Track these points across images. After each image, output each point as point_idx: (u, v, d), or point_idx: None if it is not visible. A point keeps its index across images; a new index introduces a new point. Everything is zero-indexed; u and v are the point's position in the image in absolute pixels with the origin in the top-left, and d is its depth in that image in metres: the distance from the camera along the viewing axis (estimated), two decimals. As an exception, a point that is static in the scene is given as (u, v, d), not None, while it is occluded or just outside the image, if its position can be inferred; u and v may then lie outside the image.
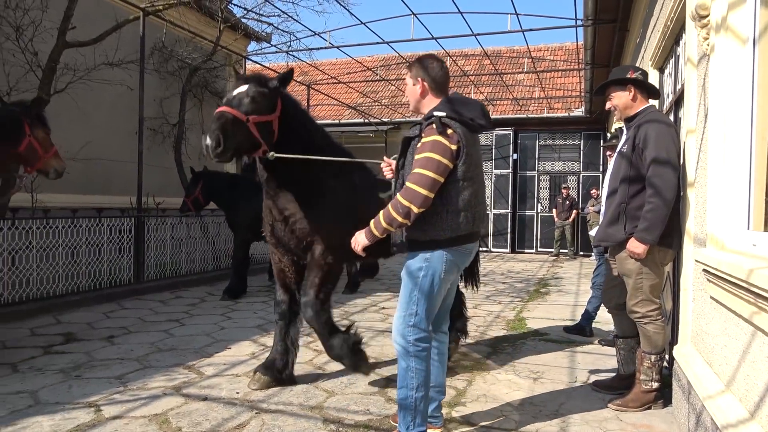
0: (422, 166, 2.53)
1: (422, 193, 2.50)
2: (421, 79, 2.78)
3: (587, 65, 9.62)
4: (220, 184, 7.44)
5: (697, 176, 3.00)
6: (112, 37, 7.12)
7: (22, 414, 3.09)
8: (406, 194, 2.52)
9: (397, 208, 2.53)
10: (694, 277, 2.98)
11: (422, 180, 2.51)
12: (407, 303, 2.68)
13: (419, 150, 2.58)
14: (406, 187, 2.53)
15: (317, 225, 3.46)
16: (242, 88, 3.22)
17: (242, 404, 3.33)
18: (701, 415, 2.53)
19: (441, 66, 2.80)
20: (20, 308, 5.60)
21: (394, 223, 2.57)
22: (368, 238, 2.69)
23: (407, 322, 2.66)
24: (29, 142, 4.37)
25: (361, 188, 3.73)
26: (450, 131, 2.57)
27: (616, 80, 3.46)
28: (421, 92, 2.79)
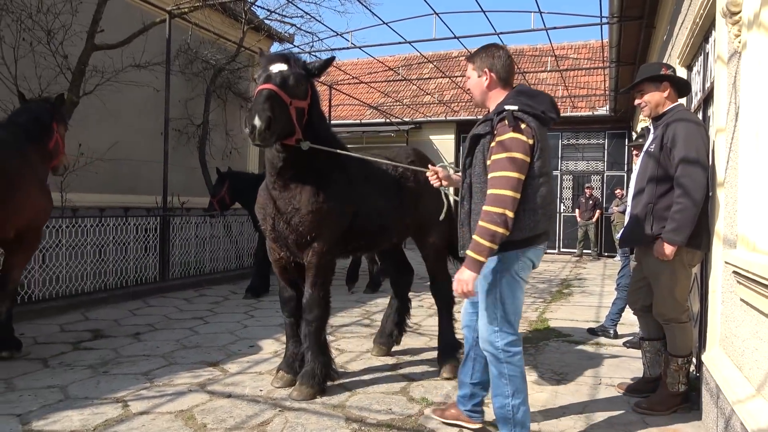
0: (504, 168, 2.39)
1: (511, 196, 2.37)
2: (488, 70, 2.63)
3: (612, 63, 9.48)
4: (246, 184, 7.51)
5: (727, 176, 2.94)
6: (138, 39, 7.26)
7: (53, 408, 3.17)
8: (498, 202, 2.37)
9: (494, 220, 2.36)
10: (724, 279, 2.92)
11: (508, 182, 2.37)
12: (492, 308, 2.56)
13: (496, 150, 2.44)
14: (495, 195, 2.38)
15: (321, 220, 3.35)
16: (282, 66, 3.10)
17: (266, 402, 3.36)
18: (730, 420, 2.48)
19: (507, 55, 2.66)
20: (50, 305, 5.74)
21: (497, 237, 2.37)
22: (475, 269, 2.41)
23: (493, 328, 2.56)
24: (56, 140, 4.47)
25: (355, 182, 3.62)
26: (524, 126, 2.43)
27: (652, 77, 3.39)
28: (488, 84, 2.64)
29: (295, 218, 3.32)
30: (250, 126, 2.86)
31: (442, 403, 3.36)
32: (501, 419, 2.60)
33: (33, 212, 4.13)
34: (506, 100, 2.56)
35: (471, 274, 2.40)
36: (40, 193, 4.20)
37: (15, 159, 4.03)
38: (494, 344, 2.55)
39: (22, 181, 4.02)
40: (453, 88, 16.70)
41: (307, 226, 3.33)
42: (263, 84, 3.02)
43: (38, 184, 4.21)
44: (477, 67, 2.67)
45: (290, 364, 3.67)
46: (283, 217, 3.35)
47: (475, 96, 2.74)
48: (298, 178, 3.33)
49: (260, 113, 2.86)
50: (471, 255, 2.40)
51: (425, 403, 3.40)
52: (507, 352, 2.54)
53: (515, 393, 2.55)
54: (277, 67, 3.11)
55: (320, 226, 3.37)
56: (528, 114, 2.47)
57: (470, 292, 2.42)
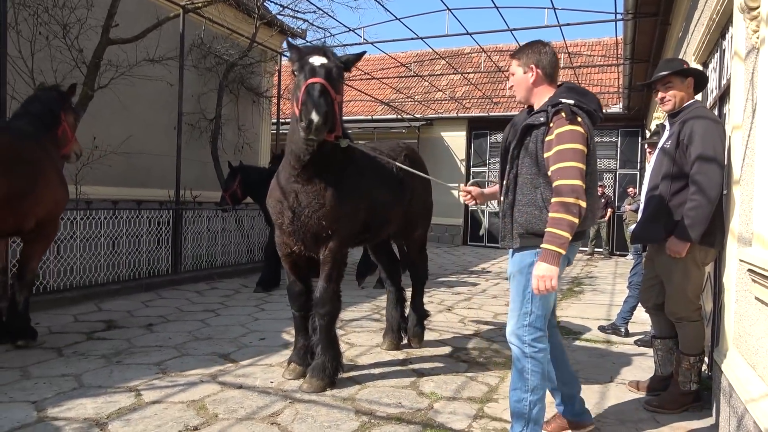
0: (571, 158, 2.36)
1: (579, 185, 2.34)
2: (534, 66, 2.62)
3: (626, 60, 9.39)
4: (257, 178, 7.54)
5: (743, 173, 2.91)
6: (152, 34, 7.30)
7: (67, 396, 3.22)
8: (572, 192, 2.33)
9: (571, 211, 2.32)
10: (738, 278, 2.89)
11: (579, 173, 2.35)
12: (521, 302, 2.55)
13: (556, 141, 2.41)
14: (565, 185, 2.34)
15: (342, 215, 3.40)
16: (323, 59, 3.06)
17: (276, 393, 3.39)
18: (743, 419, 2.47)
19: (553, 52, 2.65)
20: (64, 295, 5.81)
21: (574, 226, 2.34)
22: (556, 262, 2.34)
23: (522, 322, 2.54)
24: (64, 128, 4.52)
25: (366, 176, 3.66)
26: (579, 119, 2.43)
27: (681, 71, 3.34)
28: (534, 81, 2.63)
29: (318, 212, 3.33)
30: (307, 120, 2.83)
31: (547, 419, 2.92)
32: (516, 414, 2.59)
33: (52, 202, 4.19)
34: (558, 94, 2.54)
35: (553, 269, 2.33)
36: (58, 184, 4.25)
37: (37, 150, 4.10)
38: (522, 338, 2.55)
39: (44, 171, 4.09)
40: (465, 84, 16.64)
41: (330, 220, 3.35)
42: (312, 77, 2.97)
43: (57, 174, 4.27)
44: (522, 63, 2.65)
45: (301, 356, 3.72)
46: (305, 211, 3.33)
47: (519, 92, 2.71)
48: (322, 173, 3.32)
49: (318, 108, 2.84)
50: (551, 248, 2.33)
51: (435, 398, 3.41)
52: (533, 348, 2.53)
53: (534, 389, 2.53)
54: (319, 59, 3.07)
55: (341, 220, 3.41)
56: (582, 110, 2.46)
57: (554, 287, 2.35)
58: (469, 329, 5.34)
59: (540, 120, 2.50)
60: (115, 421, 2.90)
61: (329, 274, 3.49)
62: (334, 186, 3.35)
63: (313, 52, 3.13)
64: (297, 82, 3.09)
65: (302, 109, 2.88)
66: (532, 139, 2.54)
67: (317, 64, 3.05)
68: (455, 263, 11.37)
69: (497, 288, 8.15)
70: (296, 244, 3.52)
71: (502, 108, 15.85)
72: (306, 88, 2.92)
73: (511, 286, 2.62)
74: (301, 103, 2.88)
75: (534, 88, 2.64)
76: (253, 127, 11.07)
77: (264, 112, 11.45)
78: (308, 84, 2.93)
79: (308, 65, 3.05)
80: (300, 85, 3.02)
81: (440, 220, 16.33)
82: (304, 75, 3.03)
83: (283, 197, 3.41)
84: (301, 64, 3.08)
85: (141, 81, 7.82)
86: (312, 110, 2.82)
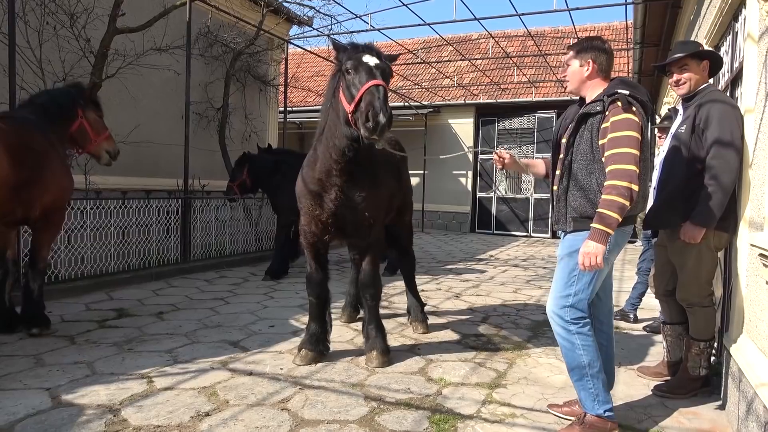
0: (627, 144, 2.48)
1: (633, 170, 2.45)
2: (592, 61, 2.76)
3: (636, 45, 9.27)
4: (266, 168, 7.55)
5: (755, 157, 2.87)
6: (159, 23, 7.28)
7: (80, 383, 3.26)
8: (625, 176, 2.44)
9: (622, 193, 2.43)
10: (749, 262, 2.87)
11: (633, 158, 2.46)
12: (565, 283, 2.67)
13: (612, 128, 2.53)
14: (619, 169, 2.45)
15: (380, 204, 3.74)
16: (376, 59, 3.15)
17: (286, 380, 3.42)
18: (752, 403, 2.46)
19: (610, 49, 2.80)
20: (76, 284, 5.87)
21: (625, 209, 2.46)
22: (603, 241, 2.45)
23: (563, 303, 2.67)
24: (80, 123, 4.53)
25: (384, 166, 3.88)
26: (634, 108, 2.54)
27: (697, 53, 3.28)
28: (590, 74, 2.77)
29: (362, 204, 3.56)
30: (375, 122, 2.90)
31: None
32: (581, 389, 2.69)
33: (58, 191, 4.22)
34: (613, 86, 2.65)
35: (600, 247, 2.44)
36: (63, 173, 4.28)
37: (43, 139, 4.13)
38: (564, 318, 2.68)
39: (49, 160, 4.12)
40: (472, 71, 16.49)
41: (372, 210, 3.63)
42: (374, 79, 3.04)
43: (62, 164, 4.30)
44: (581, 57, 2.79)
45: (313, 343, 3.80)
46: (349, 203, 3.53)
47: (572, 83, 2.84)
48: (360, 167, 3.49)
49: (385, 110, 2.92)
50: (599, 227, 2.44)
51: (443, 383, 3.43)
52: (576, 324, 2.66)
53: (591, 363, 2.63)
54: (373, 60, 3.16)
55: (379, 208, 3.74)
56: (636, 100, 2.57)
57: (599, 264, 2.46)
58: (477, 316, 5.34)
59: (597, 108, 2.63)
60: (128, 407, 2.94)
61: (373, 258, 3.80)
62: (371, 178, 3.58)
63: (366, 51, 3.21)
64: (351, 80, 3.13)
65: (368, 110, 2.93)
66: (587, 127, 2.66)
67: (372, 64, 3.13)
68: (463, 251, 11.37)
69: (505, 275, 8.15)
70: (329, 234, 3.70)
71: (510, 94, 15.72)
72: (370, 89, 2.99)
73: (558, 267, 2.75)
74: (367, 104, 2.94)
75: (587, 80, 2.78)
76: (260, 116, 11.05)
77: (271, 100, 11.43)
78: (372, 85, 3.00)
79: (365, 65, 3.12)
80: (357, 84, 3.08)
81: (448, 207, 16.32)
82: (361, 75, 3.10)
83: (323, 191, 3.54)
84: (355, 63, 3.14)
85: (148, 70, 7.82)
86: (380, 113, 2.89)
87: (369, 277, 3.79)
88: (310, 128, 17.86)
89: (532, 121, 15.32)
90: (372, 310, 3.84)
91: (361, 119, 2.96)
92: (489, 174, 15.95)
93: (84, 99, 4.61)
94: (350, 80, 3.14)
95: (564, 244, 2.74)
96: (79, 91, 4.61)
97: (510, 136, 15.69)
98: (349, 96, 3.12)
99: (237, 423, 2.79)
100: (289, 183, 7.23)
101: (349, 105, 3.10)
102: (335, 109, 3.35)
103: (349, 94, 3.13)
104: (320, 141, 3.55)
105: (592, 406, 2.65)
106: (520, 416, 2.97)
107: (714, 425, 2.93)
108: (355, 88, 3.09)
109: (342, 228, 3.67)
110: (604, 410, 2.65)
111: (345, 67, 3.18)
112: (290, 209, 7.30)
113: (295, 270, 7.86)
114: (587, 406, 2.68)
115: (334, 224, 3.62)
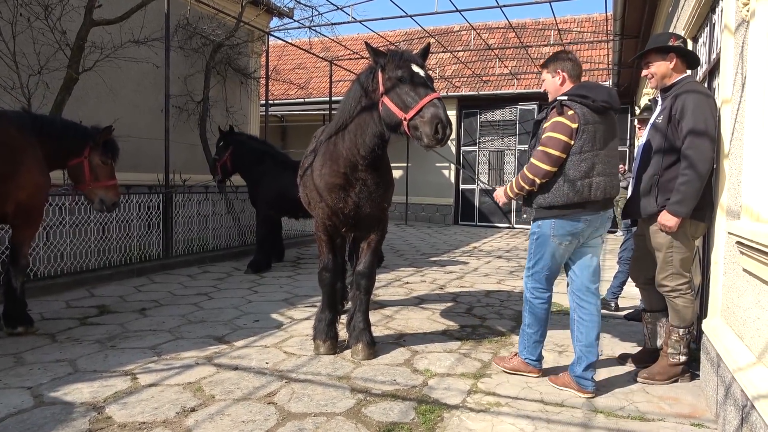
0: (544, 144, 3.04)
1: (543, 168, 3.04)
2: (561, 70, 3.24)
3: (616, 36, 9.36)
4: (251, 156, 7.47)
5: (732, 147, 2.93)
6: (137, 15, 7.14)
7: (63, 381, 3.22)
8: (531, 168, 3.08)
9: (526, 179, 3.12)
10: (726, 250, 2.93)
11: (543, 156, 3.04)
12: (528, 258, 3.34)
13: (544, 130, 3.09)
14: (532, 163, 3.08)
15: (390, 196, 4.02)
16: (423, 70, 3.30)
17: (272, 374, 3.42)
18: (730, 387, 2.52)
19: (575, 57, 3.26)
20: (55, 282, 5.78)
21: (523, 190, 3.18)
22: (506, 196, 3.33)
23: (527, 273, 3.36)
24: (80, 162, 4.48)
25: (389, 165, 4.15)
26: (571, 112, 3.01)
27: (658, 47, 3.34)
28: (562, 81, 3.24)
29: (383, 195, 3.84)
30: (442, 132, 3.06)
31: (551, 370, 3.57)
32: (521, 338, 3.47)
33: (33, 188, 4.14)
34: (570, 92, 3.11)
35: (501, 196, 3.37)
36: (38, 170, 4.20)
37: (19, 135, 4.05)
38: (526, 285, 3.38)
39: (24, 156, 4.05)
40: (454, 63, 16.51)
41: (388, 201, 4.00)
42: (433, 92, 3.19)
43: (39, 164, 4.21)
44: (551, 70, 3.28)
45: (333, 331, 3.94)
46: (371, 195, 3.74)
47: (551, 93, 3.31)
48: (380, 162, 3.75)
49: (447, 120, 3.09)
50: (508, 187, 3.30)
51: (429, 374, 3.46)
52: (532, 294, 3.34)
53: (530, 324, 3.38)
54: (423, 71, 3.29)
55: (390, 200, 4.07)
56: (578, 102, 3.01)
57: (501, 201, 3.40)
58: (462, 307, 5.38)
59: (543, 116, 3.20)
60: (112, 404, 2.91)
61: (376, 246, 3.98)
62: (386, 173, 3.88)
63: (414, 60, 3.31)
64: (404, 89, 3.22)
65: (436, 122, 3.06)
66: (539, 132, 3.19)
67: (424, 75, 3.27)
68: (447, 243, 11.42)
69: (488, 266, 8.21)
70: (348, 225, 3.89)
71: (492, 86, 15.78)
72: (433, 102, 3.12)
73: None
74: (433, 115, 3.08)
75: (562, 87, 3.23)
76: (241, 109, 10.94)
77: (252, 93, 11.31)
78: (435, 98, 3.14)
79: (418, 76, 3.25)
80: (412, 94, 3.19)
81: (432, 200, 16.36)
82: (417, 86, 3.21)
83: (348, 185, 3.71)
84: (408, 73, 3.25)
85: (127, 63, 7.70)
86: (447, 125, 3.08)
87: (369, 268, 3.90)
88: (293, 121, 17.75)
89: (513, 112, 15.41)
90: (363, 303, 3.89)
91: (429, 130, 3.07)
92: (472, 166, 16.01)
93: (95, 140, 4.52)
94: (403, 89, 3.23)
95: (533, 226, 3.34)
96: (95, 131, 4.55)
97: (492, 127, 15.76)
98: (402, 103, 3.21)
99: (223, 418, 2.78)
100: (270, 177, 7.23)
101: (402, 112, 3.19)
102: (368, 110, 3.48)
103: (402, 102, 3.21)
104: (341, 137, 3.65)
105: (522, 352, 3.44)
106: (505, 405, 3.01)
107: (694, 410, 2.99)
108: (410, 98, 3.18)
109: (358, 219, 3.82)
110: (527, 358, 3.42)
111: (395, 75, 3.26)
112: (268, 203, 7.28)
113: (279, 264, 7.83)
114: (520, 350, 3.46)
115: (355, 216, 3.79)
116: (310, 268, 7.66)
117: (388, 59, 3.34)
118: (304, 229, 10.52)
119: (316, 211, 3.94)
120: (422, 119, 3.10)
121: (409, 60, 3.31)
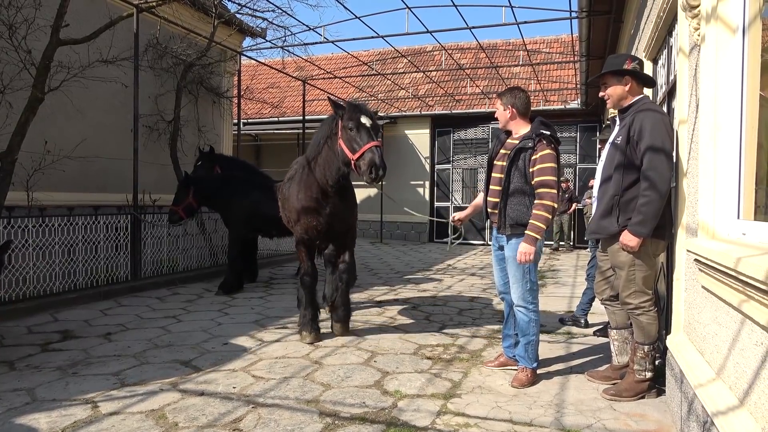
0: (549, 173, 3.46)
1: (554, 193, 3.48)
2: (511, 106, 3.71)
3: (582, 57, 9.60)
4: (212, 186, 7.42)
5: (689, 166, 3.01)
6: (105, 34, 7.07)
7: (19, 411, 3.10)
8: (549, 197, 3.46)
9: (548, 210, 3.46)
10: (687, 267, 3.00)
11: (552, 183, 3.47)
12: (522, 276, 3.58)
13: (540, 161, 3.48)
14: (547, 192, 3.46)
15: (355, 214, 5.06)
16: (371, 121, 4.16)
17: (239, 399, 3.35)
18: (693, 403, 2.56)
19: (526, 95, 3.73)
20: (17, 306, 5.60)
21: (548, 222, 3.48)
22: (534, 243, 3.49)
23: (526, 288, 3.61)
24: None
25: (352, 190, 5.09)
26: (553, 146, 3.53)
27: (614, 71, 3.44)
28: (510, 116, 3.73)
29: (348, 214, 4.83)
30: (377, 174, 3.96)
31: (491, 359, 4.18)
32: (523, 350, 3.67)
33: None
34: (538, 126, 3.59)
35: (531, 248, 3.48)
36: None
37: None
38: (527, 299, 3.64)
39: None
40: (428, 82, 16.71)
41: (354, 218, 5.00)
42: (373, 141, 4.07)
43: None
44: (503, 103, 3.75)
45: (316, 323, 4.75)
46: (338, 215, 4.66)
47: (501, 122, 3.82)
48: (345, 189, 4.71)
49: (384, 166, 4.00)
50: (533, 235, 3.48)
51: (399, 396, 3.43)
52: (534, 304, 3.69)
53: (537, 333, 3.72)
54: (369, 121, 4.17)
55: (356, 217, 5.07)
56: (553, 138, 3.55)
57: (531, 260, 3.51)
58: (434, 326, 5.37)
59: (528, 145, 3.56)
60: (70, 434, 2.81)
61: (351, 250, 5.01)
62: (351, 196, 4.83)
63: (363, 112, 4.21)
64: (352, 136, 4.14)
65: (372, 165, 3.98)
66: (521, 158, 3.57)
67: (369, 125, 4.14)
68: (422, 260, 11.43)
69: (462, 284, 8.24)
70: (322, 239, 4.85)
71: (464, 105, 16.00)
72: (371, 149, 4.02)
73: (510, 265, 3.64)
74: (370, 160, 3.99)
75: (510, 120, 3.76)
76: (214, 129, 10.87)
77: (225, 112, 11.26)
78: (373, 146, 4.03)
79: (364, 127, 4.13)
80: (358, 140, 4.11)
81: (407, 218, 16.39)
82: (362, 134, 4.11)
83: (319, 207, 4.60)
84: (356, 123, 4.15)
85: (95, 83, 7.59)
86: (381, 167, 3.97)
87: (351, 266, 5.03)
88: (267, 140, 17.69)
89: (486, 131, 15.63)
90: (345, 292, 4.88)
91: (366, 170, 3.98)
92: (446, 184, 16.13)
93: None
94: (352, 135, 4.13)
95: (509, 247, 3.65)
96: None
97: (465, 146, 15.95)
98: (351, 147, 4.12)
99: (186, 446, 2.70)
100: (239, 197, 7.17)
101: (351, 154, 4.10)
102: (332, 148, 4.36)
103: (350, 146, 4.12)
104: (313, 169, 4.55)
105: (532, 362, 3.67)
106: (474, 426, 2.99)
107: (660, 426, 3.02)
108: (356, 143, 4.09)
109: (330, 233, 4.76)
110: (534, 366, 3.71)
111: (346, 125, 4.16)
112: (241, 222, 7.21)
113: (251, 285, 7.73)
114: (528, 362, 3.66)
115: (326, 231, 4.71)
116: (282, 288, 7.57)
117: (345, 111, 4.21)
118: (278, 248, 10.42)
119: (296, 228, 4.84)
120: (363, 161, 4.01)
121: (359, 113, 4.16)
